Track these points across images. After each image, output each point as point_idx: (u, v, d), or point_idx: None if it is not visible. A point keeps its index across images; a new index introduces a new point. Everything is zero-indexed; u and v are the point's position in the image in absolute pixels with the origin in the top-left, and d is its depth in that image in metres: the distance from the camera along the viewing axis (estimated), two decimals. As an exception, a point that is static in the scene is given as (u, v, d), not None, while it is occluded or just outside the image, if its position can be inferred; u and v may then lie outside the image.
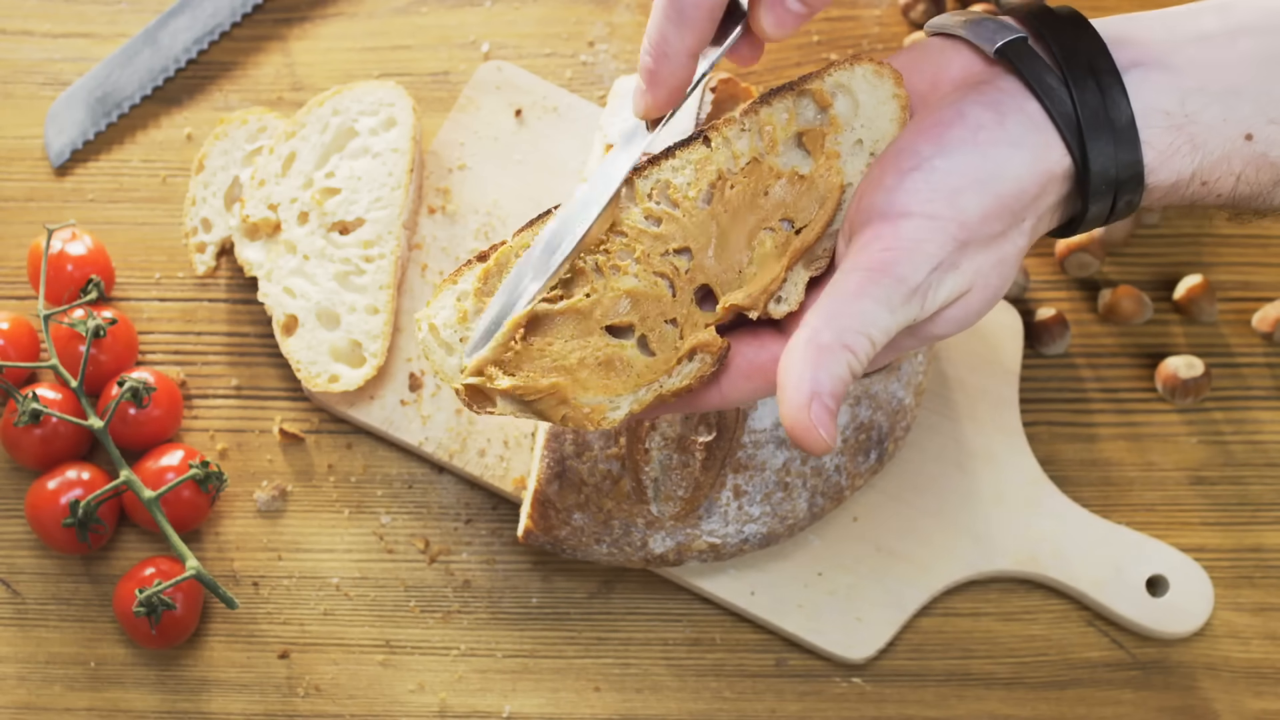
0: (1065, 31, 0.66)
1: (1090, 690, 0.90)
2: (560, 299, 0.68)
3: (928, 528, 0.90)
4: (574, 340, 0.68)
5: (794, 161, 0.69)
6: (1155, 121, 0.65)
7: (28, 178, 0.99)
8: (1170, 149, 0.65)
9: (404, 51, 1.01)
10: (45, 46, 1.01)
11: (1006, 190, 0.64)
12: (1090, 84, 0.64)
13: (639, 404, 0.67)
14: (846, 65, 0.69)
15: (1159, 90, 0.65)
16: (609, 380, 0.67)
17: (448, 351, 0.68)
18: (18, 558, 0.92)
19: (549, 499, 0.85)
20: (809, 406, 0.61)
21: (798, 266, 0.68)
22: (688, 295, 0.68)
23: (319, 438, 0.94)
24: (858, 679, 0.90)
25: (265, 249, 0.93)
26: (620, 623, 0.91)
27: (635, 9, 1.02)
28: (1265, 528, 0.92)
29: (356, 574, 0.91)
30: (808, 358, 0.62)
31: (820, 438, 0.61)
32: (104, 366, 0.91)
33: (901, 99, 0.68)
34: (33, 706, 0.89)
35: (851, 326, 0.62)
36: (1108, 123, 0.64)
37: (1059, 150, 0.65)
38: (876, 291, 0.62)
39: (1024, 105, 0.65)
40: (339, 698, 0.89)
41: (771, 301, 0.67)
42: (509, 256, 0.68)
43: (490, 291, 0.68)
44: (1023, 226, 0.65)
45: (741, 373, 0.68)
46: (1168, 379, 0.93)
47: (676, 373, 0.67)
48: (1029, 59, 0.66)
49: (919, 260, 0.63)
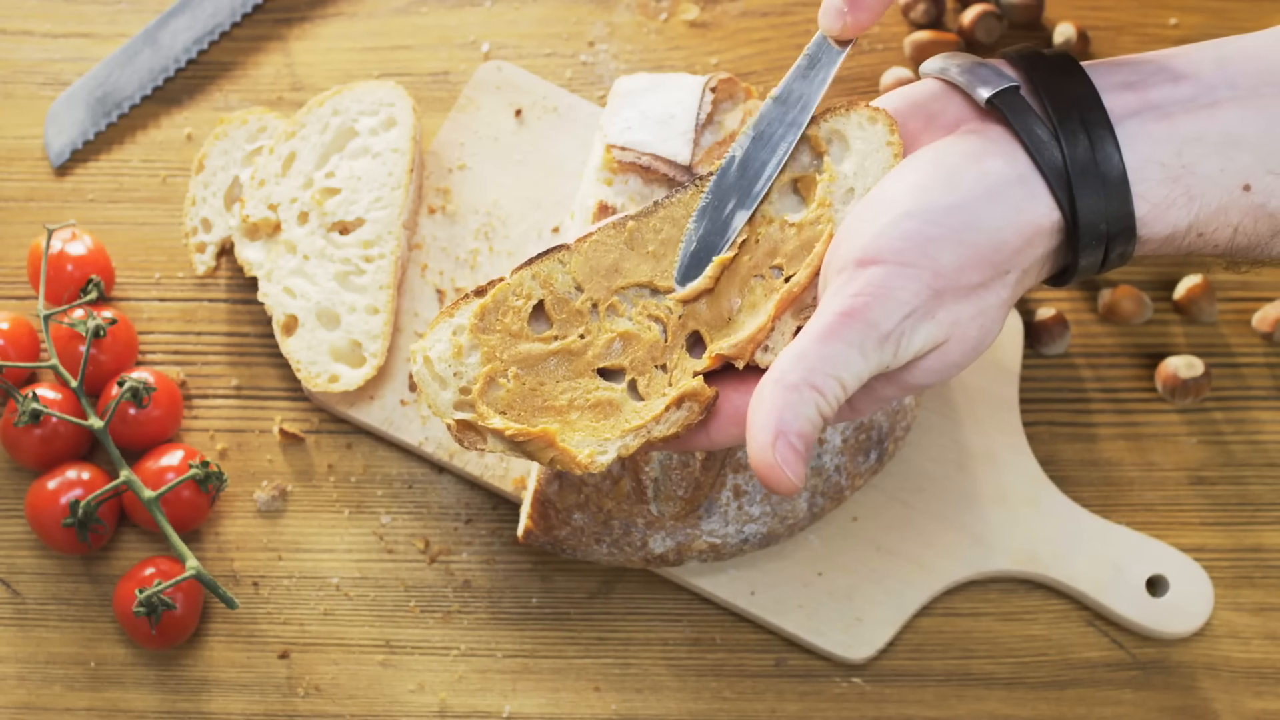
0: (1057, 80, 0.65)
1: (1090, 690, 0.90)
2: (554, 339, 0.68)
3: (928, 528, 0.90)
4: (565, 381, 0.68)
5: (787, 208, 0.69)
6: (1150, 174, 0.64)
7: (28, 178, 0.99)
8: (1166, 201, 0.64)
9: (404, 51, 1.01)
10: (45, 46, 1.01)
11: (984, 241, 0.63)
12: (1081, 136, 0.63)
13: (626, 449, 0.67)
14: (842, 110, 0.68)
15: (1155, 141, 0.64)
16: (598, 424, 0.68)
17: (441, 385, 0.68)
18: (18, 558, 0.92)
19: (549, 499, 0.85)
20: (773, 445, 0.61)
21: (786, 315, 0.67)
22: (679, 340, 0.68)
23: (319, 438, 0.94)
24: (858, 679, 0.90)
25: (265, 249, 0.93)
26: (620, 623, 0.91)
27: (635, 9, 1.02)
28: (1265, 528, 0.92)
29: (356, 574, 0.91)
30: (775, 398, 0.62)
31: (785, 477, 0.61)
32: (104, 366, 0.91)
33: (895, 147, 0.67)
34: (33, 706, 0.89)
35: (820, 369, 0.62)
36: (1098, 176, 0.63)
37: (1046, 203, 0.64)
38: (847, 335, 0.62)
39: (1011, 156, 0.64)
40: (339, 698, 0.89)
41: (759, 350, 0.67)
42: (506, 294, 0.69)
43: (488, 329, 0.68)
44: (1007, 279, 0.64)
45: (729, 419, 0.67)
46: (1168, 379, 0.93)
47: (665, 420, 0.67)
48: (1019, 109, 0.65)
49: (890, 307, 0.62)
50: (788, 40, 1.01)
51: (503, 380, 0.68)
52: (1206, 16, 1.02)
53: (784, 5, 1.02)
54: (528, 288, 0.69)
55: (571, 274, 0.69)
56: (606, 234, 0.69)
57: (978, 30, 1.00)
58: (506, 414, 0.68)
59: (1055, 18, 1.02)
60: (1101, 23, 1.02)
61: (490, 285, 0.69)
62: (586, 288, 0.69)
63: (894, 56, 1.01)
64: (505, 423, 0.67)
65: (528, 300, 0.69)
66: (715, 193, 0.68)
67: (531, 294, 0.69)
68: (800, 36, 1.01)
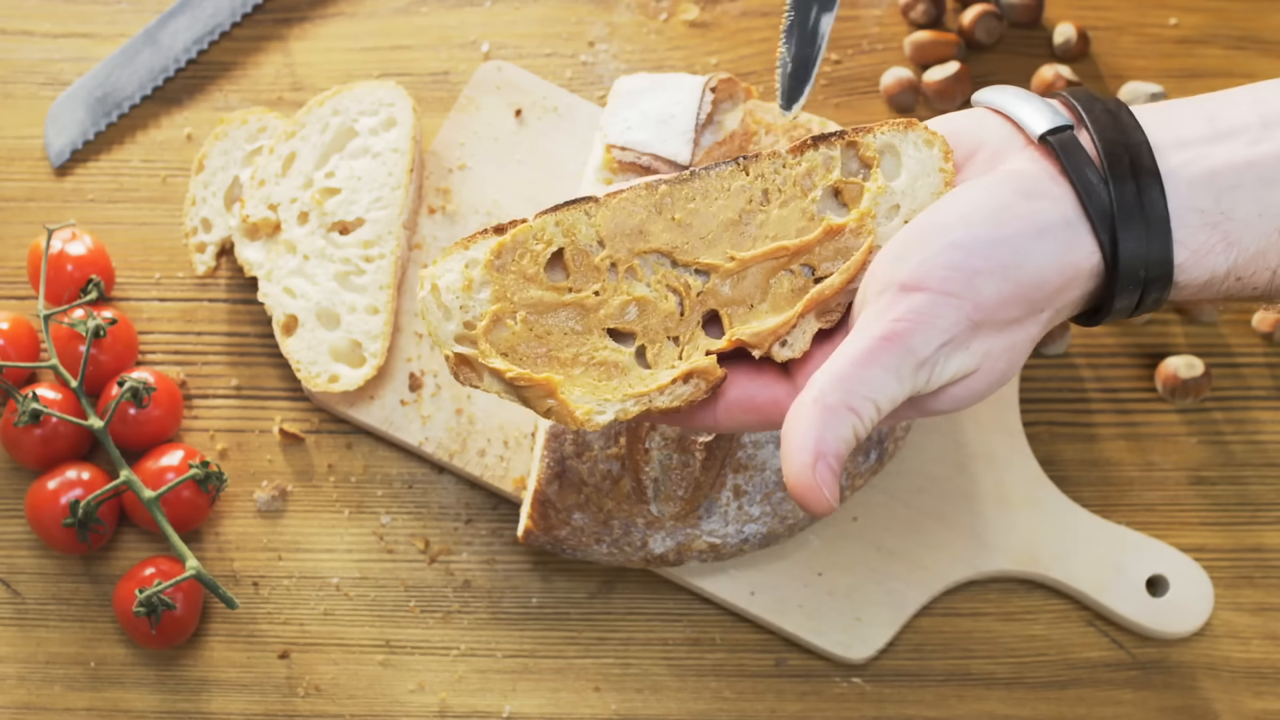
0: (1110, 126, 0.65)
1: (1090, 690, 0.90)
2: (569, 291, 0.67)
3: (928, 528, 0.90)
4: (573, 335, 0.67)
5: (827, 210, 0.68)
6: (1190, 220, 0.64)
7: (28, 178, 0.99)
8: (1205, 247, 0.64)
9: (404, 51, 1.01)
10: (45, 46, 1.01)
11: (1027, 279, 0.63)
12: (1129, 182, 0.63)
13: (624, 414, 0.67)
14: (900, 127, 0.68)
15: (1194, 187, 0.64)
16: (599, 384, 0.67)
17: (445, 315, 0.67)
18: (18, 558, 0.92)
19: (549, 499, 0.85)
20: (814, 466, 0.62)
21: (810, 316, 0.67)
22: (695, 317, 0.68)
23: (319, 438, 0.94)
24: (858, 679, 0.90)
25: (265, 249, 0.93)
26: (620, 623, 0.91)
27: (635, 9, 1.02)
28: (1265, 528, 0.92)
29: (356, 574, 0.91)
30: (814, 418, 0.62)
31: (824, 497, 0.62)
32: (104, 366, 0.91)
33: (947, 174, 0.67)
34: (33, 706, 0.89)
35: (859, 391, 0.62)
36: (1142, 221, 0.63)
37: (1089, 246, 0.64)
38: (887, 360, 0.62)
39: (1059, 197, 0.64)
40: (339, 698, 0.89)
41: (777, 344, 0.67)
42: (527, 236, 0.67)
43: (503, 268, 0.67)
44: (1040, 317, 0.65)
45: (739, 405, 0.68)
46: (1168, 379, 0.93)
47: (669, 392, 0.67)
48: (1073, 150, 0.65)
49: (930, 334, 0.62)
50: (788, 40, 1.01)
51: (510, 322, 0.67)
52: (1206, 16, 1.02)
53: (784, 5, 1.02)
54: (549, 234, 0.68)
55: (596, 227, 0.68)
56: (637, 194, 0.68)
57: (978, 30, 1.00)
58: (508, 356, 0.67)
59: (1055, 18, 1.02)
60: (1101, 23, 1.02)
61: (511, 225, 0.68)
62: (609, 244, 0.68)
63: (894, 56, 1.01)
64: (507, 365, 0.66)
65: (547, 246, 0.68)
66: (796, 8, 0.67)
67: (552, 240, 0.68)
68: (800, 36, 1.01)
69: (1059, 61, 1.01)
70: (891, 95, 0.99)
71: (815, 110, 0.99)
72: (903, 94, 0.99)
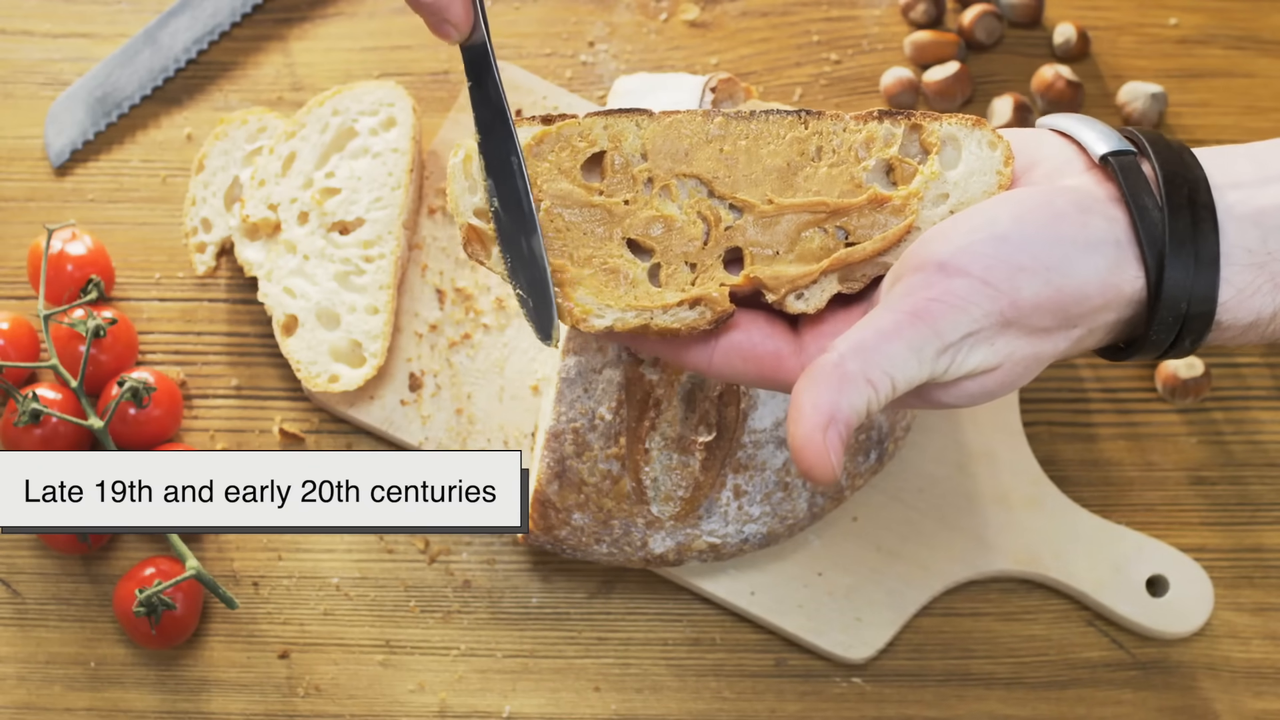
0: (1173, 160, 0.65)
1: (1090, 690, 0.90)
2: (599, 193, 0.68)
3: (928, 528, 0.90)
4: (592, 236, 0.67)
5: (876, 182, 0.68)
6: (1237, 259, 0.64)
7: (28, 178, 0.99)
8: (1251, 287, 0.64)
9: (404, 51, 1.01)
10: (45, 46, 1.01)
11: (1069, 287, 0.63)
12: (1185, 214, 0.63)
13: (623, 324, 0.67)
14: (966, 123, 0.68)
15: (1242, 227, 0.64)
16: (606, 288, 0.67)
17: (470, 187, 0.68)
18: (18, 558, 0.92)
19: (549, 499, 0.85)
20: (825, 429, 0.60)
21: (832, 276, 0.67)
22: (718, 249, 0.67)
23: (319, 438, 0.94)
24: (858, 679, 0.90)
25: (265, 249, 0.93)
26: (620, 623, 0.91)
27: (635, 9, 1.02)
28: (1265, 528, 0.92)
29: (356, 574, 0.91)
30: (831, 381, 0.61)
31: (830, 463, 0.60)
32: (104, 366, 0.91)
33: (1003, 178, 0.67)
34: (33, 706, 0.89)
35: (879, 364, 0.61)
36: (1192, 254, 0.63)
37: (1134, 269, 0.63)
38: (912, 337, 0.61)
39: (1114, 218, 0.64)
40: (339, 698, 0.89)
41: (793, 295, 0.67)
42: (573, 132, 0.68)
43: (540, 155, 0.68)
44: (1072, 333, 0.64)
45: (738, 351, 0.67)
46: (1168, 379, 0.94)
47: (672, 313, 0.67)
48: (1133, 174, 0.64)
49: (960, 320, 0.62)
50: (788, 40, 1.01)
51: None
52: (1206, 16, 1.02)
53: (784, 5, 1.02)
54: (595, 134, 0.68)
55: (643, 139, 0.68)
56: (693, 118, 0.68)
57: (978, 30, 1.00)
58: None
59: (1055, 18, 1.02)
60: (1101, 23, 1.02)
61: (560, 117, 0.68)
62: (651, 159, 0.68)
63: (894, 56, 1.01)
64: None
65: (590, 146, 0.68)
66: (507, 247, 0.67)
67: (596, 141, 0.68)
68: (800, 36, 1.01)
69: (1059, 61, 1.01)
70: (891, 95, 0.99)
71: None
72: (903, 94, 0.99)
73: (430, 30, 0.69)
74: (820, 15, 1.02)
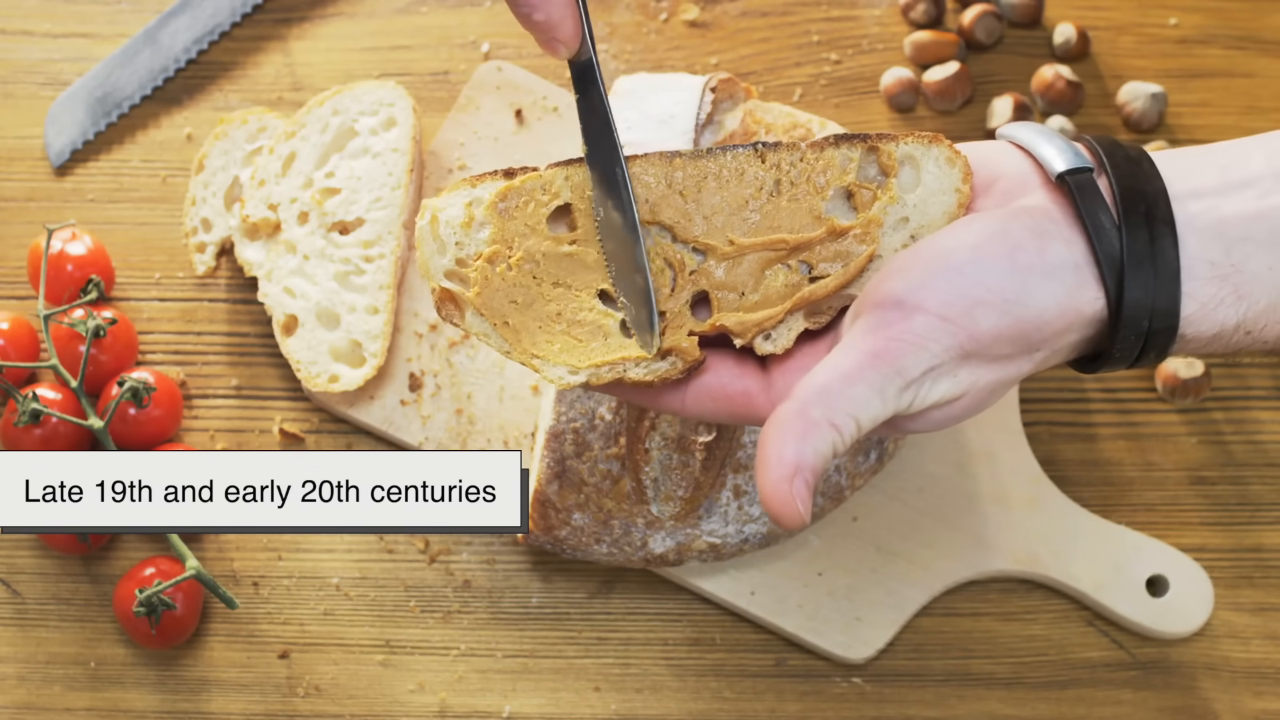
0: (1131, 173, 0.64)
1: (1090, 690, 0.90)
2: (572, 242, 0.67)
3: (928, 528, 0.90)
4: (563, 289, 0.67)
5: (837, 211, 0.68)
6: (1200, 272, 0.63)
7: (28, 178, 0.99)
8: (1214, 300, 0.63)
9: (404, 51, 1.01)
10: (45, 46, 1.01)
11: (1028, 315, 0.62)
12: (1143, 230, 0.63)
13: (597, 379, 0.67)
14: (923, 140, 0.67)
15: (1205, 238, 0.63)
16: (579, 345, 0.67)
17: (439, 249, 0.67)
18: (18, 558, 0.92)
19: (549, 499, 0.85)
20: (791, 479, 0.60)
21: (798, 313, 0.67)
22: (685, 294, 0.67)
23: (319, 438, 0.94)
24: (858, 679, 0.90)
25: (265, 249, 0.93)
26: (620, 623, 0.91)
27: (635, 9, 1.02)
28: (1265, 528, 0.92)
29: (356, 574, 0.91)
30: (795, 430, 0.61)
31: (798, 512, 0.60)
32: (104, 366, 0.91)
33: (963, 195, 0.67)
34: (33, 706, 0.89)
35: (842, 408, 0.61)
36: (1151, 271, 0.62)
37: (1094, 291, 0.63)
38: (874, 378, 0.61)
39: (1070, 239, 0.63)
40: (339, 698, 0.89)
41: (761, 336, 0.67)
42: (536, 186, 0.68)
43: (506, 211, 0.67)
44: (1035, 356, 0.64)
45: (709, 392, 0.67)
46: (1168, 379, 0.94)
47: (644, 365, 0.67)
48: (1089, 193, 0.64)
49: (921, 357, 0.62)
50: (788, 40, 1.01)
51: (502, 267, 0.67)
52: (1206, 16, 1.02)
53: (784, 5, 1.02)
54: (558, 186, 0.68)
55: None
56: (652, 163, 0.68)
57: (978, 30, 1.00)
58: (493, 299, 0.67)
59: (1055, 18, 1.02)
60: (1101, 23, 1.02)
61: (521, 170, 0.68)
62: None
63: (894, 56, 1.01)
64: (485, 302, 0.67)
65: (554, 199, 0.68)
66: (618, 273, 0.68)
67: (560, 194, 0.68)
68: (800, 36, 1.01)
69: (1059, 61, 1.01)
70: (891, 95, 0.99)
71: (815, 110, 0.99)
72: (903, 94, 0.99)
73: (539, 46, 0.69)
74: (820, 15, 1.02)
